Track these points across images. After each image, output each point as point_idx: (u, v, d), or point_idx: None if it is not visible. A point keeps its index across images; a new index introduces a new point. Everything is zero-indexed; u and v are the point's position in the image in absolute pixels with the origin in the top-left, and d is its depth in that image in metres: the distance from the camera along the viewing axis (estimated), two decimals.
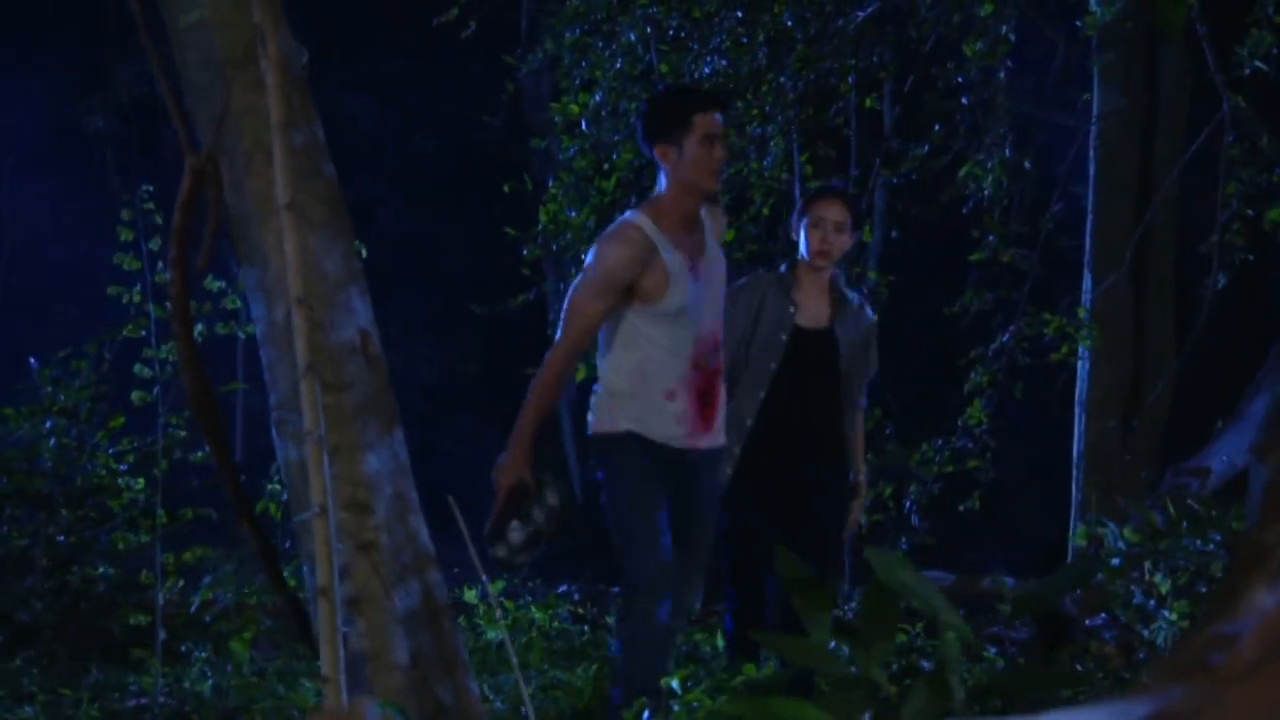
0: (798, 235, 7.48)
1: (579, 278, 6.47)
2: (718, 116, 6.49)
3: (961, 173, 10.85)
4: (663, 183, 6.49)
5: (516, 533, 6.24)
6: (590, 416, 6.63)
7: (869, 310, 7.69)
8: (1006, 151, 10.79)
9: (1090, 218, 12.61)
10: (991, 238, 11.03)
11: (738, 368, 7.43)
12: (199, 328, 8.22)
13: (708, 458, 6.64)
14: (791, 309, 7.46)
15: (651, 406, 6.46)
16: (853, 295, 7.70)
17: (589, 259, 6.45)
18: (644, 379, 6.45)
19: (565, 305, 6.42)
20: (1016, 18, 10.53)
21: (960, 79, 10.60)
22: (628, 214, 6.55)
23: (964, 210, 11.02)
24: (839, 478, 7.58)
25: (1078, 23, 11.19)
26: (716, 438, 6.66)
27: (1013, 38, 10.46)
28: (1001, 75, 10.63)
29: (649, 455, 6.45)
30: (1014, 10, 10.34)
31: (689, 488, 6.57)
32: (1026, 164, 11.25)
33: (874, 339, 7.66)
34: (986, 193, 10.76)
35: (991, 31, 10.10)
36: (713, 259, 6.60)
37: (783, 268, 7.59)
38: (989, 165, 10.73)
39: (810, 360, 7.46)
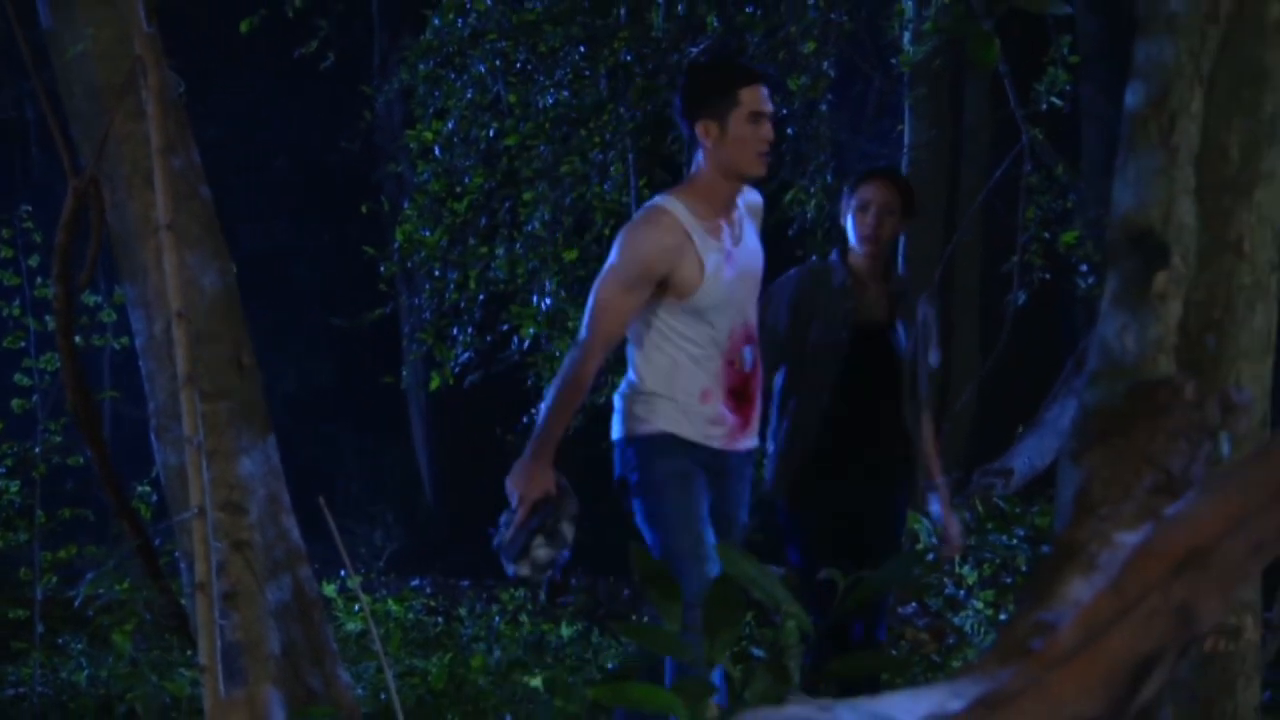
0: (845, 220, 6.45)
1: (605, 269, 5.59)
2: (764, 91, 5.57)
3: (787, 197, 10.94)
4: (700, 163, 5.60)
5: (542, 550, 5.48)
6: (616, 419, 5.75)
7: (924, 298, 6.64)
8: (828, 178, 10.89)
9: (902, 239, 12.76)
10: (814, 257, 11.13)
11: (792, 375, 6.45)
12: (76, 339, 8.15)
13: (743, 460, 5.78)
14: (849, 304, 6.38)
15: (687, 407, 5.61)
16: (906, 279, 6.78)
17: (616, 248, 5.58)
18: (677, 379, 5.61)
19: (591, 300, 5.58)
20: (836, 55, 10.65)
21: (785, 111, 10.69)
22: (658, 197, 5.65)
23: (789, 232, 11.11)
24: (903, 496, 6.52)
25: (892, 60, 11.34)
26: (753, 439, 5.80)
27: (833, 74, 10.57)
28: (823, 108, 10.73)
29: (688, 457, 5.61)
30: (834, 49, 10.46)
31: (725, 491, 5.74)
32: (846, 189, 11.36)
33: (934, 330, 6.61)
34: (809, 215, 10.85)
35: (813, 68, 10.20)
36: (749, 248, 5.70)
37: (832, 256, 6.56)
38: (811, 190, 10.83)
39: (873, 360, 6.41)
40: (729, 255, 5.58)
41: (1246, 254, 3.19)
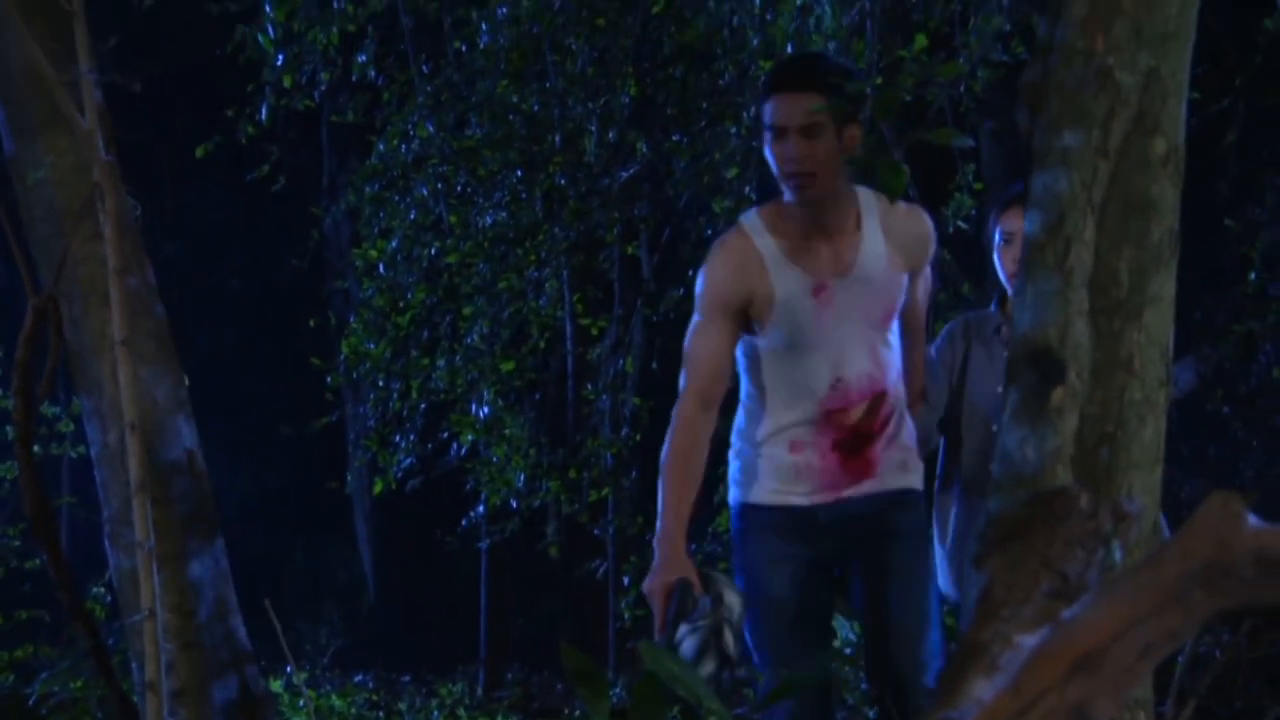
0: (994, 258, 5.38)
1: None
2: (783, 102, 4.33)
3: None
4: None
5: (688, 641, 4.15)
6: None
7: None
8: None
9: None
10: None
11: (950, 454, 5.35)
12: (35, 448, 8.11)
13: (873, 505, 4.57)
14: (1005, 352, 4.93)
15: (770, 464, 4.54)
16: None
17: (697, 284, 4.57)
18: (760, 430, 4.55)
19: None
20: (757, 179, 10.73)
21: (709, 231, 10.74)
22: (742, 215, 4.62)
23: None
24: None
25: None
26: (883, 480, 4.58)
27: (754, 196, 10.65)
28: None
29: (774, 537, 4.55)
30: (755, 173, 10.53)
31: (852, 547, 4.56)
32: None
33: None
34: None
35: (736, 191, 10.26)
36: (868, 279, 4.46)
37: (991, 307, 5.48)
38: None
39: None
40: (822, 286, 4.42)
41: (1137, 371, 3.22)
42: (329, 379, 11.18)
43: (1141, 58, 3.22)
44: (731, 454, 4.68)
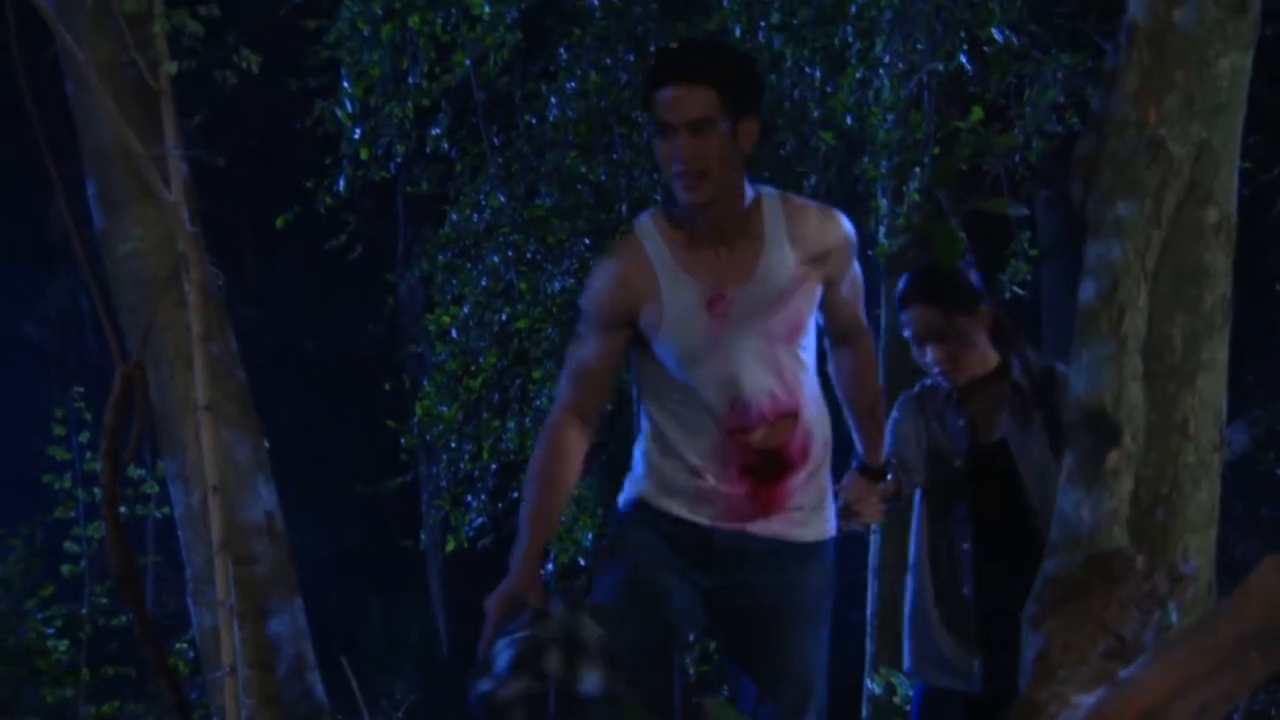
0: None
1: None
2: (672, 94, 3.78)
3: None
4: None
5: (504, 654, 3.63)
6: None
7: (1058, 374, 4.67)
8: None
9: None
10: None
11: (919, 527, 4.83)
12: (122, 510, 8.19)
13: (777, 554, 4.01)
14: (961, 421, 4.69)
15: (673, 482, 4.00)
16: (1033, 363, 4.71)
17: None
18: (662, 450, 4.00)
19: None
20: None
21: None
22: (638, 217, 4.08)
23: None
24: None
25: (869, 251, 11.42)
26: (790, 526, 4.01)
27: None
28: None
29: (664, 535, 4.00)
30: None
31: (742, 587, 4.01)
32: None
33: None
34: None
35: None
36: (764, 287, 3.90)
37: (941, 380, 4.78)
38: None
39: (1000, 486, 4.63)
40: (719, 298, 3.89)
41: (1191, 435, 3.20)
42: (403, 441, 11.21)
43: (1193, 129, 3.22)
44: (634, 462, 4.14)
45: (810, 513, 4.05)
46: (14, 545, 9.12)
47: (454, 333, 10.90)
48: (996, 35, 7.96)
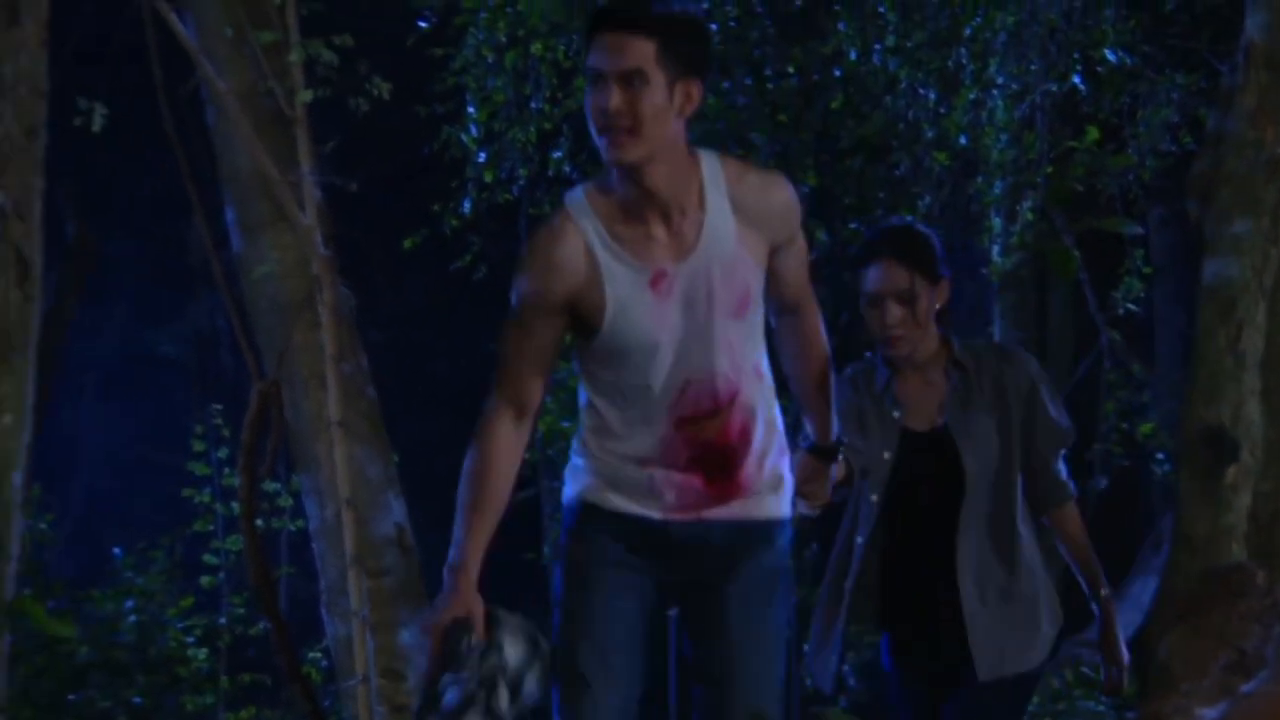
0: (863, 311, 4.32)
1: None
2: (607, 42, 3.39)
3: None
4: None
5: (452, 691, 3.29)
6: None
7: (1017, 359, 4.29)
8: None
9: None
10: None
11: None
12: (258, 523, 8.29)
13: (738, 535, 3.60)
14: (896, 412, 4.23)
15: (618, 474, 3.59)
16: (980, 346, 4.31)
17: None
18: (604, 443, 3.59)
19: None
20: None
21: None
22: (567, 193, 3.63)
23: None
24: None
25: (983, 270, 11.35)
26: (754, 503, 3.62)
27: None
28: None
29: (615, 536, 3.59)
30: None
31: (704, 576, 3.61)
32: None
33: (1040, 394, 4.22)
34: None
35: None
36: (709, 260, 3.48)
37: (878, 362, 4.31)
38: None
39: (939, 475, 4.20)
40: (662, 275, 3.47)
41: None
42: (526, 456, 11.25)
43: None
44: (573, 451, 3.70)
45: (768, 493, 3.64)
46: (155, 558, 9.25)
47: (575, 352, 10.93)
48: (1110, 56, 7.89)
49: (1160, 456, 10.96)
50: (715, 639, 3.61)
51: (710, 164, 3.51)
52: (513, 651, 3.36)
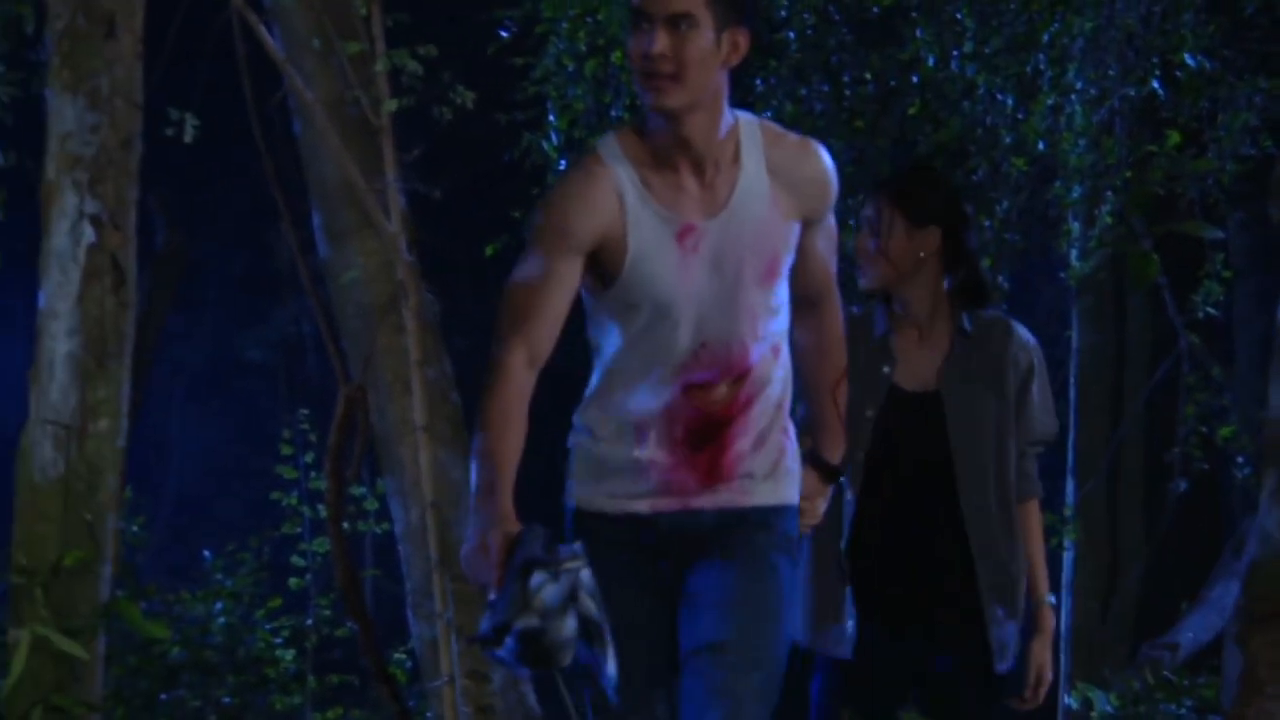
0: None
1: None
2: None
3: None
4: None
5: (550, 589, 2.98)
6: None
7: (1018, 337, 4.02)
8: None
9: (1073, 432, 12.58)
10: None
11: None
12: (344, 526, 8.34)
13: (729, 523, 3.35)
14: (886, 368, 3.97)
15: (607, 456, 3.36)
16: (987, 317, 4.04)
17: None
18: (604, 407, 3.37)
19: None
20: (1010, 270, 10.61)
21: None
22: (599, 139, 3.44)
23: None
24: (978, 628, 3.93)
25: (1061, 274, 11.28)
26: (743, 490, 3.35)
27: (1007, 286, 10.52)
28: None
29: (609, 543, 3.32)
30: (1008, 264, 10.41)
31: (696, 571, 3.34)
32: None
33: (1033, 382, 4.00)
34: None
35: (990, 281, 10.16)
36: (740, 219, 3.29)
37: (877, 310, 4.07)
38: None
39: (921, 441, 3.95)
40: (689, 229, 3.27)
41: None
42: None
43: None
44: (570, 440, 3.46)
45: (762, 481, 3.37)
46: (244, 560, 9.32)
47: None
48: (1189, 60, 7.82)
49: (1240, 460, 10.87)
50: (706, 609, 3.31)
51: (748, 124, 3.34)
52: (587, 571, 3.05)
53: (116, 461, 4.48)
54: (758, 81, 9.57)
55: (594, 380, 3.39)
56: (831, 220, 3.48)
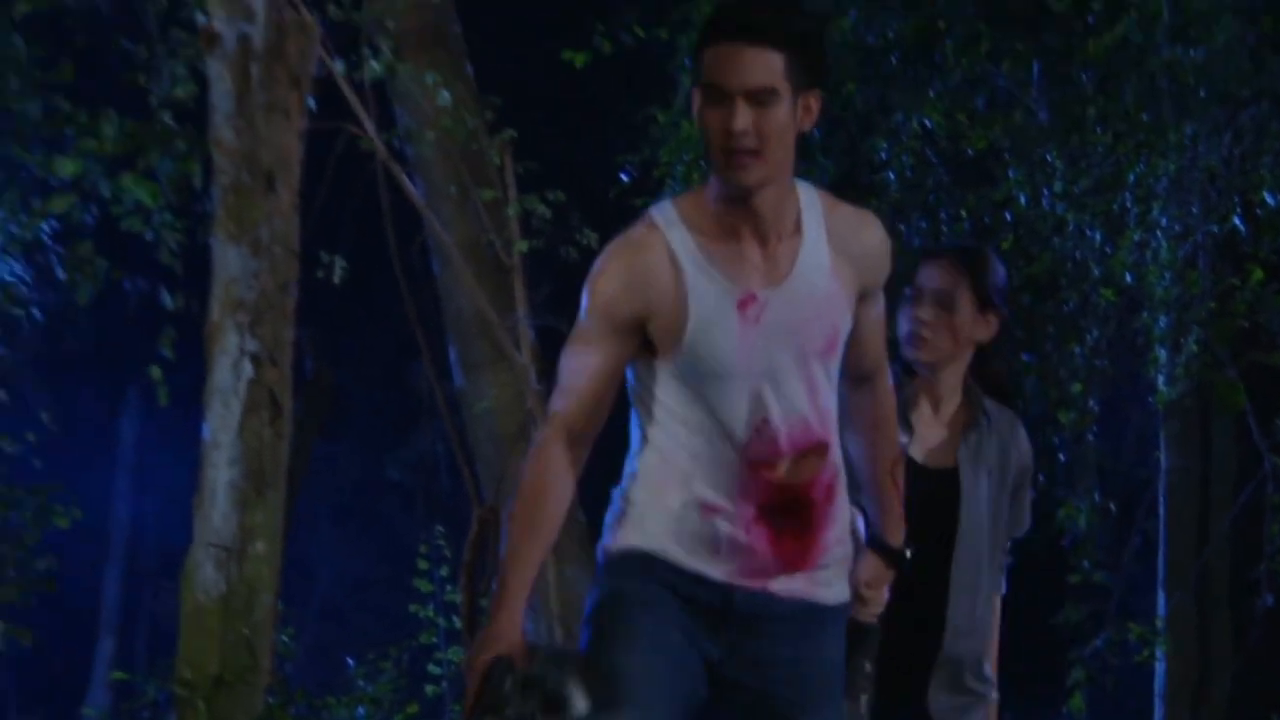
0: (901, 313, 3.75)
1: None
2: (731, 54, 2.84)
3: (1061, 513, 10.74)
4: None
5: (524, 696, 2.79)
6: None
7: (1022, 434, 3.79)
8: (1095, 496, 10.69)
9: (1162, 548, 12.40)
10: (1086, 564, 10.88)
11: None
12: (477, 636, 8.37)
13: (802, 619, 2.98)
14: (904, 438, 3.54)
15: (681, 519, 2.94)
16: (995, 407, 3.75)
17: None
18: (666, 483, 2.96)
19: None
20: (1100, 395, 10.52)
21: (1057, 440, 10.54)
22: (653, 206, 3.06)
23: (1064, 542, 10.90)
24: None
25: (1149, 399, 11.18)
26: (817, 585, 2.99)
27: (1097, 409, 10.43)
28: (1090, 438, 10.57)
29: (665, 585, 2.92)
30: (1098, 389, 10.33)
31: (759, 661, 2.95)
32: (1111, 506, 11.15)
33: (1027, 482, 3.78)
34: (1081, 529, 10.64)
35: (1081, 405, 10.07)
36: (802, 290, 2.95)
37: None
38: (1082, 508, 10.61)
39: (930, 518, 3.55)
40: (751, 299, 2.92)
41: None
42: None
43: None
44: (617, 493, 3.04)
45: (836, 571, 3.04)
46: (384, 668, 9.35)
47: None
48: (1269, 199, 7.78)
49: None
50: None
51: (807, 191, 3.02)
52: (553, 680, 2.81)
53: (272, 581, 4.53)
54: None
55: (643, 451, 2.99)
56: (882, 295, 3.15)
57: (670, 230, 2.92)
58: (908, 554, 3.30)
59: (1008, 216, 8.98)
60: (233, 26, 4.62)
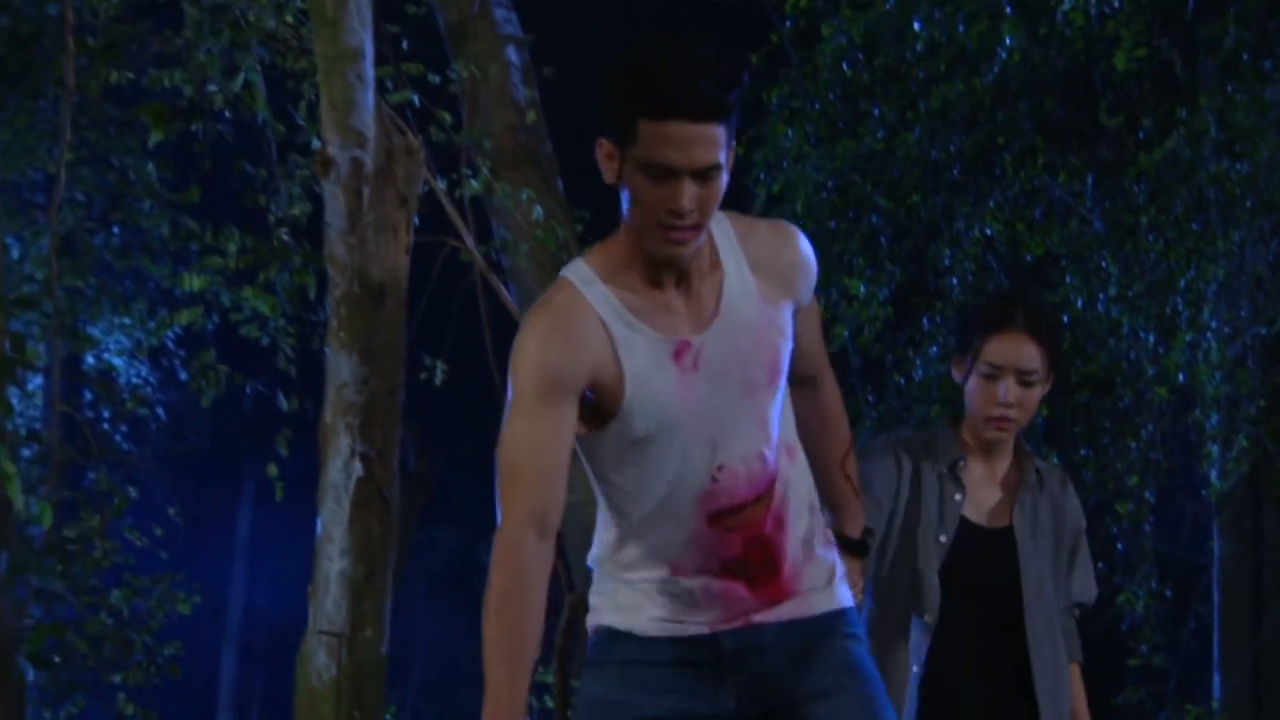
0: (963, 379, 3.46)
1: None
2: (679, 130, 2.48)
3: (1120, 599, 10.61)
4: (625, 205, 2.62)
5: None
6: None
7: (1073, 493, 3.58)
8: (1152, 584, 10.55)
9: (1216, 633, 12.22)
10: (1144, 647, 10.73)
11: (874, 609, 3.43)
12: (569, 716, 8.35)
13: (796, 637, 2.73)
14: (958, 495, 3.42)
15: (650, 591, 2.71)
16: (1045, 466, 3.56)
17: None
18: (626, 561, 2.73)
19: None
20: (1155, 486, 10.42)
21: (1115, 529, 10.43)
22: (565, 267, 2.72)
23: (1123, 626, 10.74)
24: None
25: (1203, 491, 11.06)
26: (801, 606, 2.74)
27: (1153, 500, 10.33)
28: (1146, 528, 10.46)
29: (655, 663, 2.70)
30: (1153, 481, 10.23)
31: (769, 690, 2.72)
32: (1168, 593, 11.01)
33: (1083, 543, 3.56)
34: (1139, 614, 10.50)
35: (1137, 496, 9.96)
36: (734, 326, 2.66)
37: (942, 430, 3.54)
38: (1140, 594, 10.48)
39: (990, 579, 3.41)
40: (685, 346, 2.63)
41: None
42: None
43: None
44: (591, 562, 2.85)
45: (821, 588, 2.78)
46: None
47: None
48: None
49: None
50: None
51: (718, 222, 2.70)
52: None
53: (380, 664, 4.55)
54: (925, 320, 9.61)
55: (605, 537, 2.77)
56: (815, 301, 2.88)
57: (589, 289, 2.61)
58: (869, 541, 3.12)
59: (1065, 319, 8.95)
60: (346, 151, 4.71)
